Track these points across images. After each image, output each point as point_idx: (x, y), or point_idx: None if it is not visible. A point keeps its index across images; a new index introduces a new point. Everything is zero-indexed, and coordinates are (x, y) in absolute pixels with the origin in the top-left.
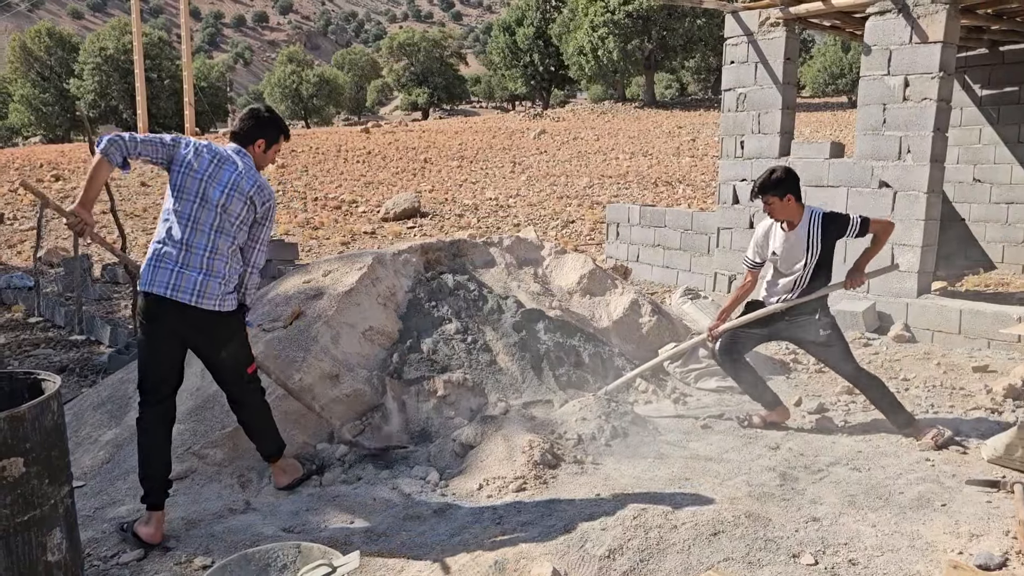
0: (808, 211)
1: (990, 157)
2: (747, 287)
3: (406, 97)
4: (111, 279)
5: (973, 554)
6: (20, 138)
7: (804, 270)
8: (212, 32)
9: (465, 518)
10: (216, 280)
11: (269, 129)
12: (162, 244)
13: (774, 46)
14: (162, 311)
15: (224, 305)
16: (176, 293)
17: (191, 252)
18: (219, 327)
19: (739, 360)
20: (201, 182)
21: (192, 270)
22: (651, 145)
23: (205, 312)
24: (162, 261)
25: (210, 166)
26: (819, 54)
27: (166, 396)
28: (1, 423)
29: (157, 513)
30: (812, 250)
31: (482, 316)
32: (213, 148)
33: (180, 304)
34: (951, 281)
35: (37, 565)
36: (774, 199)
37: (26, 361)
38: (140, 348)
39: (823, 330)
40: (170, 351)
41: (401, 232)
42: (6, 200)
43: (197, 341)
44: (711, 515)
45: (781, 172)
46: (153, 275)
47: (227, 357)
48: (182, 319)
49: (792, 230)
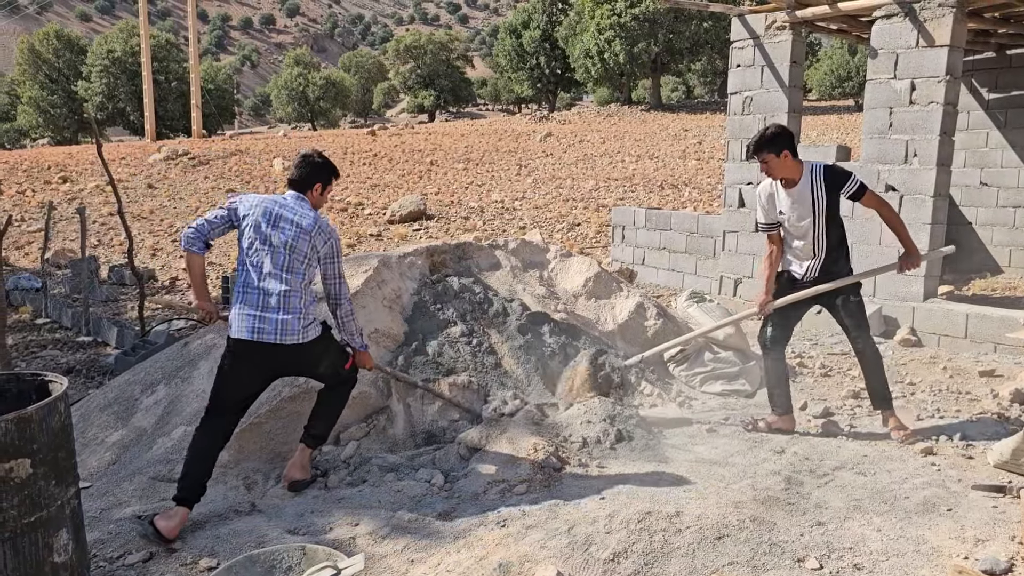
0: (808, 166)
1: (997, 161)
2: (773, 255)
3: (412, 100)
4: (118, 281)
5: (979, 559)
6: (28, 140)
7: (815, 227)
8: (219, 34)
9: (470, 521)
10: (294, 316)
11: (324, 173)
12: (242, 292)
13: (780, 49)
14: (249, 353)
15: (307, 336)
16: (261, 336)
17: (268, 296)
18: (309, 354)
19: (784, 352)
20: (267, 233)
21: (271, 312)
22: (657, 148)
23: (290, 347)
24: (245, 308)
25: (271, 215)
26: (826, 57)
27: (232, 414)
28: (8, 424)
29: (182, 510)
30: (818, 204)
31: (487, 319)
32: (272, 198)
33: (266, 345)
34: (958, 285)
35: (43, 566)
36: (770, 156)
37: (33, 362)
38: (221, 373)
39: (853, 296)
40: (251, 383)
41: (407, 234)
42: (14, 202)
43: (292, 370)
44: (716, 519)
45: (775, 128)
46: (240, 323)
47: (325, 369)
48: (272, 357)
49: (794, 187)
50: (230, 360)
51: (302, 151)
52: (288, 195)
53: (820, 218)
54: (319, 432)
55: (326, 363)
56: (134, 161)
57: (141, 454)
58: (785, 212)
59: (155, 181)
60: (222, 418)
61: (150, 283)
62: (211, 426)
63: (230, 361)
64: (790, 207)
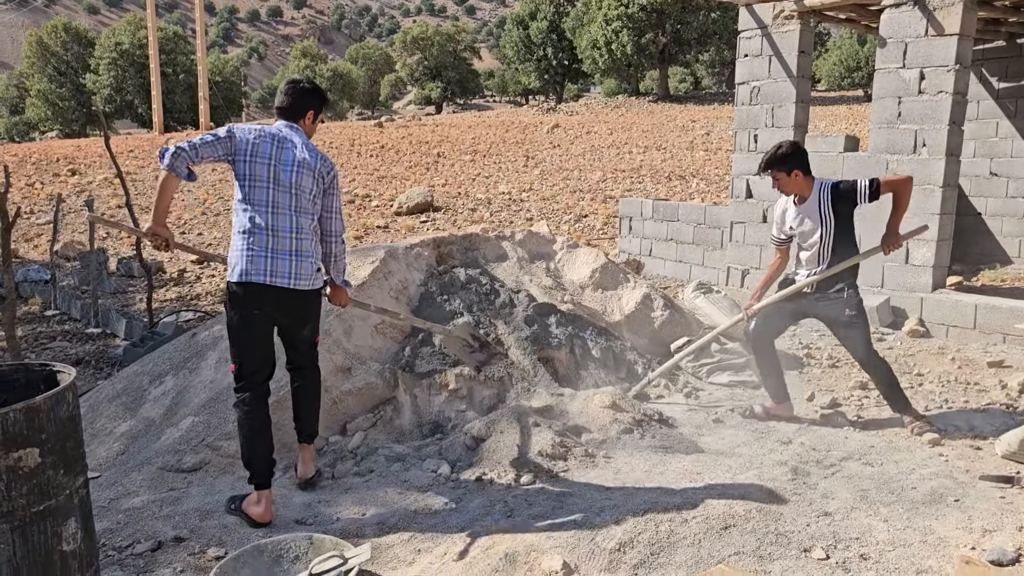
0: (817, 184)
1: (1007, 151)
2: (776, 265)
3: (420, 91)
4: (126, 273)
5: (986, 550)
6: (37, 133)
7: (821, 243)
8: (226, 27)
9: (476, 511)
10: (308, 261)
11: (315, 99)
12: (249, 234)
13: (788, 39)
14: (261, 298)
15: (316, 283)
16: (275, 279)
17: (278, 237)
18: (310, 305)
19: (770, 345)
20: (270, 167)
21: (284, 254)
22: (665, 139)
23: (301, 292)
24: (254, 250)
25: (273, 148)
26: (835, 47)
27: (263, 380)
28: (17, 414)
29: (265, 492)
30: (825, 222)
31: (494, 310)
32: (268, 131)
33: (278, 289)
34: (966, 276)
35: (52, 554)
36: (780, 174)
37: (43, 353)
38: (235, 337)
39: (849, 310)
40: (265, 337)
41: (414, 226)
42: (23, 194)
43: (287, 321)
44: (722, 509)
45: (787, 147)
46: (248, 264)
47: (308, 333)
48: (279, 303)
49: (803, 204)
50: (238, 311)
51: (290, 78)
52: (280, 125)
53: (828, 233)
54: (312, 428)
55: (313, 324)
56: (142, 154)
57: (149, 444)
58: (795, 228)
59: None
60: (257, 388)
61: (158, 275)
62: (250, 401)
63: (238, 312)
64: (799, 223)
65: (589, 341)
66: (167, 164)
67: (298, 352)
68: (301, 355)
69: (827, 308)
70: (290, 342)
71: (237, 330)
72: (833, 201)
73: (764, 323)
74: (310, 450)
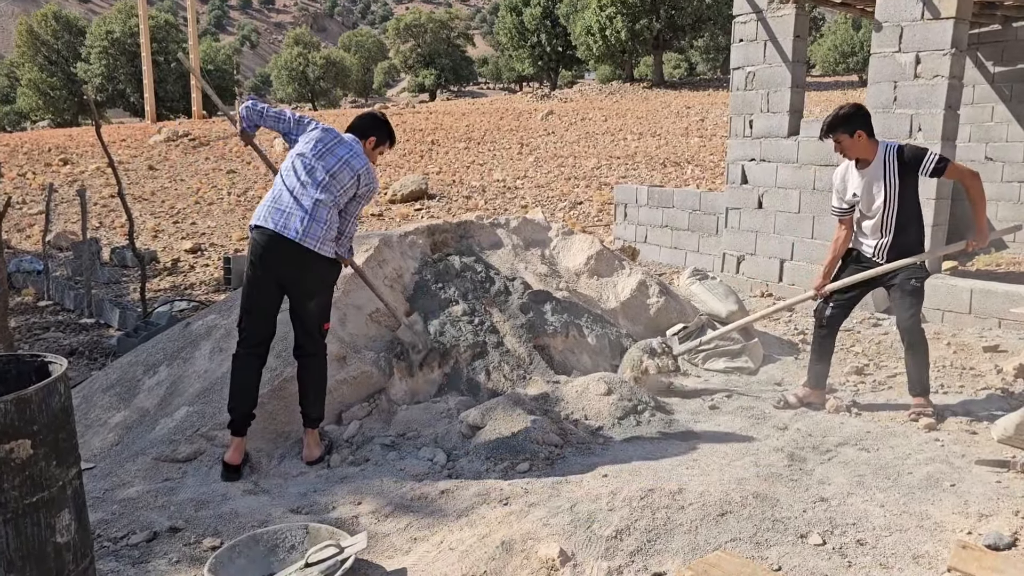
0: (883, 145)
1: (1003, 135)
2: (841, 239)
3: (413, 79)
4: (120, 263)
5: (982, 534)
6: (28, 122)
7: (885, 210)
8: (218, 15)
9: (472, 499)
10: (319, 224)
11: (382, 131)
12: (274, 193)
13: (783, 24)
14: (269, 246)
15: (323, 249)
16: (285, 231)
17: (300, 199)
18: (316, 271)
19: (837, 329)
20: (320, 152)
21: (299, 212)
22: (660, 126)
23: (306, 251)
24: (276, 203)
25: (331, 141)
26: (830, 32)
27: (260, 343)
28: (8, 405)
29: (238, 439)
30: (890, 186)
31: (489, 297)
32: (336, 131)
33: (286, 241)
34: (962, 260)
35: (46, 546)
36: (843, 136)
37: (36, 344)
38: (244, 292)
39: (915, 281)
40: (269, 298)
41: (409, 214)
42: (15, 184)
43: (293, 282)
44: (718, 495)
45: (849, 108)
46: (267, 213)
47: (314, 308)
48: (286, 256)
49: (867, 168)
50: (250, 267)
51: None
52: (346, 135)
53: (892, 199)
54: (315, 413)
55: (320, 299)
56: (135, 143)
57: (144, 435)
58: (858, 194)
59: (156, 162)
60: (254, 349)
61: (152, 264)
62: (244, 358)
63: (251, 268)
64: (863, 189)
65: (585, 328)
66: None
67: (306, 333)
68: (308, 336)
69: (893, 275)
70: (298, 317)
71: (245, 287)
72: (899, 163)
73: (841, 308)
74: (313, 434)
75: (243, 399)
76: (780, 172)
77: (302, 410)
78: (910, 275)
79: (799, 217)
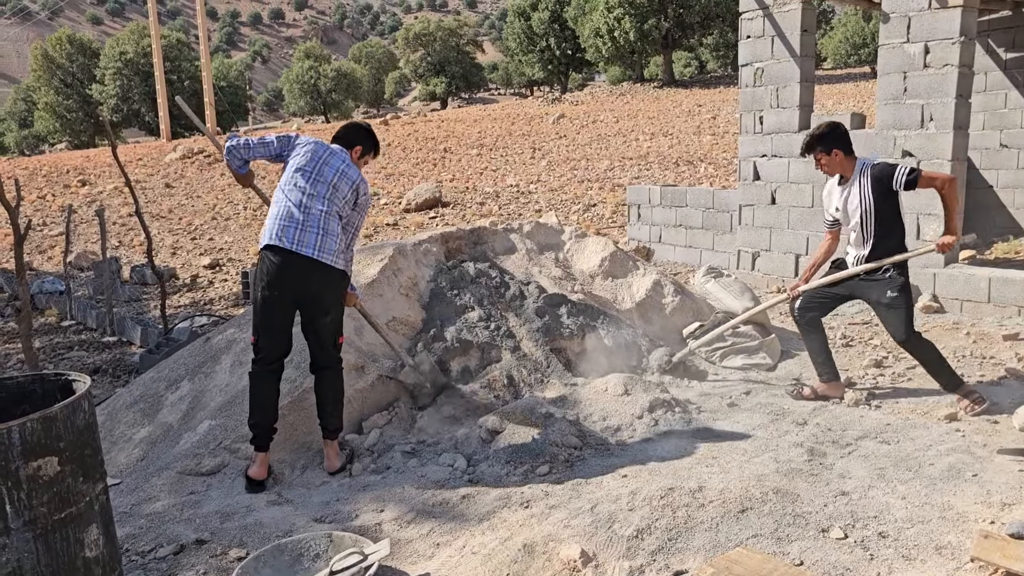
0: (859, 163)
1: (1017, 122)
2: (825, 246)
3: (424, 87)
4: (140, 280)
5: (1005, 523)
6: (47, 145)
7: (863, 223)
8: (229, 31)
9: (493, 503)
10: (332, 238)
11: (367, 140)
12: (281, 210)
13: (790, 19)
14: (284, 264)
15: (338, 263)
16: (300, 248)
17: (309, 214)
18: (332, 286)
19: (816, 325)
20: (317, 164)
21: (312, 228)
22: (671, 125)
23: (324, 267)
24: (286, 220)
25: (325, 153)
26: (840, 25)
27: (276, 360)
28: (34, 424)
29: (261, 454)
30: (865, 202)
31: (504, 303)
32: (325, 143)
33: (303, 258)
34: (979, 249)
35: (76, 560)
36: (821, 154)
37: (60, 364)
38: (256, 312)
39: (891, 292)
40: (285, 316)
41: (423, 222)
42: (35, 207)
43: (312, 299)
44: (739, 492)
45: (825, 127)
46: (279, 232)
47: (329, 322)
48: (301, 274)
49: (846, 184)
50: (261, 289)
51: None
52: (335, 146)
53: (868, 214)
54: (334, 425)
55: (334, 314)
56: (151, 161)
57: (168, 449)
58: (840, 209)
59: (172, 180)
60: (270, 366)
61: (171, 281)
62: (262, 374)
63: (261, 290)
64: (842, 203)
65: (600, 330)
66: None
67: (321, 348)
68: (323, 351)
69: (870, 289)
70: (314, 332)
71: (258, 305)
72: (872, 181)
73: (808, 304)
74: (333, 445)
75: (263, 414)
76: (792, 167)
77: (321, 422)
78: (885, 287)
79: (812, 211)
